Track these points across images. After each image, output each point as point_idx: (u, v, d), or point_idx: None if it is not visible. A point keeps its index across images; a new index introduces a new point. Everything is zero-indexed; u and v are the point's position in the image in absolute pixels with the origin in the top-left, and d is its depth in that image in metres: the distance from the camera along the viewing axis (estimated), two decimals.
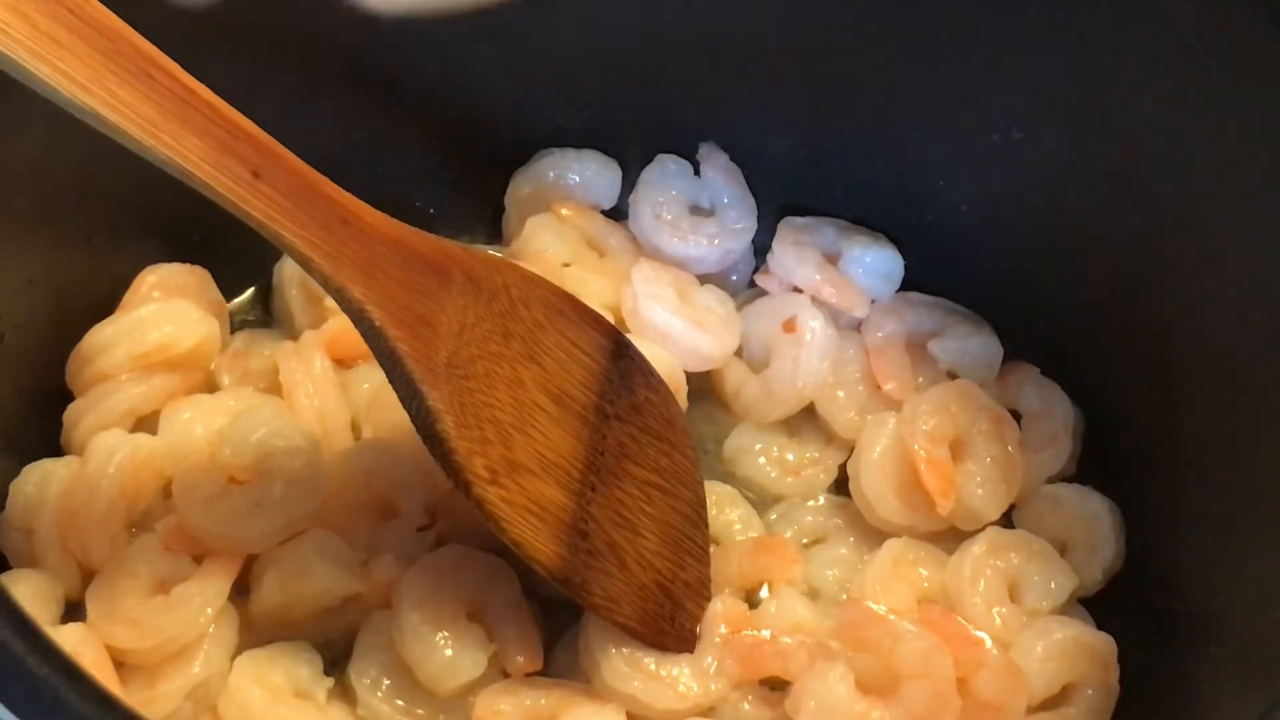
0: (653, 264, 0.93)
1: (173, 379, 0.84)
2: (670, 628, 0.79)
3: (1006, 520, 0.87)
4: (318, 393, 0.86)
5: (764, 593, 0.84)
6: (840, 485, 0.90)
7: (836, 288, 0.93)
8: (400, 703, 0.78)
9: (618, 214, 0.98)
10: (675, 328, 0.90)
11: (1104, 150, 0.85)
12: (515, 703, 0.76)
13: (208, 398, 0.85)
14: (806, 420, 0.92)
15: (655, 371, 0.83)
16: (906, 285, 0.96)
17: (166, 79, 0.56)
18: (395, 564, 0.80)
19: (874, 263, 0.95)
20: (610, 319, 0.82)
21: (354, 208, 0.66)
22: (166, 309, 0.85)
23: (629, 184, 0.97)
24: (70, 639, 0.74)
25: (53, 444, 0.83)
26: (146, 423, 0.83)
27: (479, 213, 0.98)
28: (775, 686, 0.79)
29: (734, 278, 0.97)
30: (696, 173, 0.97)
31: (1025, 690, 0.78)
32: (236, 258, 0.89)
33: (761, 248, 0.97)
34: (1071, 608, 0.84)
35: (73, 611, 0.78)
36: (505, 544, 0.73)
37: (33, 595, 0.76)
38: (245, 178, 0.60)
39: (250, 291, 0.94)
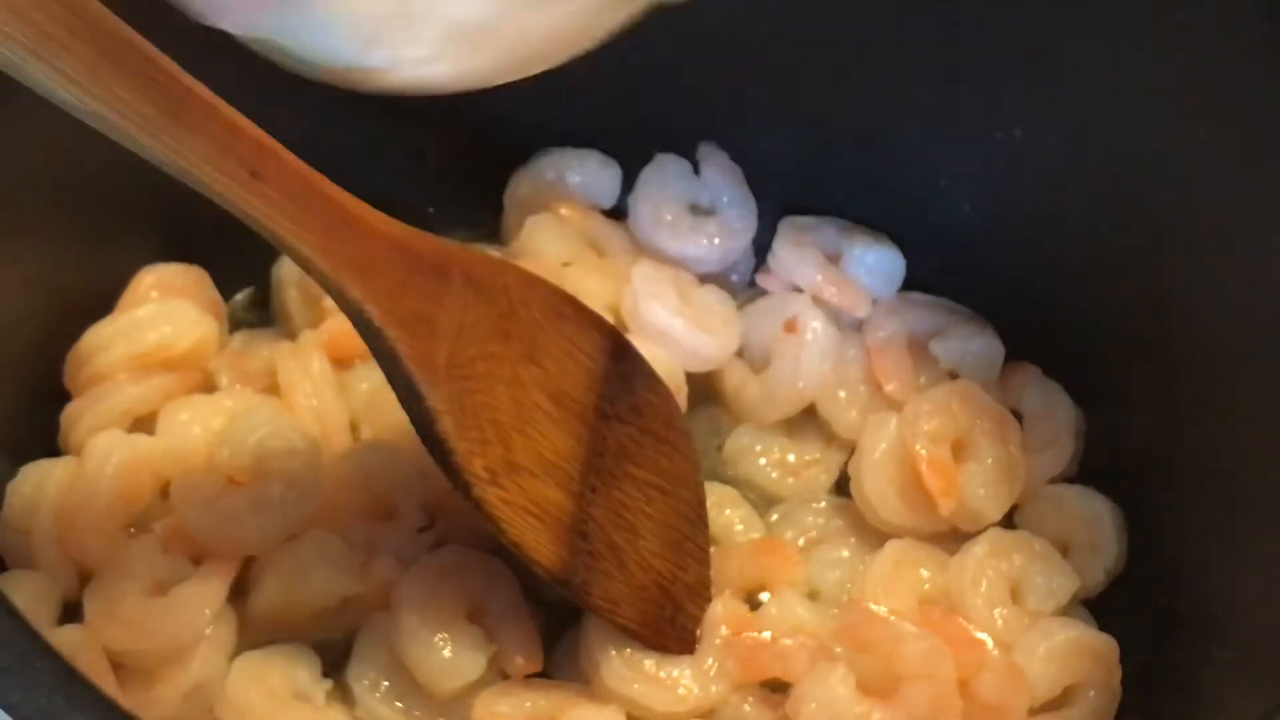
0: (653, 264, 0.93)
1: (170, 379, 0.84)
2: (670, 629, 0.79)
3: (1008, 521, 0.87)
4: (316, 393, 0.85)
5: (765, 594, 0.84)
6: (841, 486, 0.89)
7: (838, 287, 0.93)
8: (399, 704, 0.77)
9: (618, 214, 0.97)
10: (675, 328, 0.90)
11: (1105, 150, 0.85)
12: (514, 704, 0.76)
13: (206, 398, 0.85)
14: (807, 421, 0.91)
15: (655, 372, 0.82)
16: (908, 285, 0.95)
17: (166, 79, 0.56)
18: (394, 565, 0.79)
19: (875, 262, 0.95)
20: (610, 319, 0.82)
21: (353, 207, 0.66)
22: (164, 309, 0.85)
23: (629, 184, 0.97)
24: (68, 640, 0.74)
25: (50, 444, 0.83)
26: (144, 423, 0.83)
27: (478, 212, 0.98)
28: (776, 688, 0.79)
29: (734, 277, 0.97)
30: (696, 172, 0.97)
31: (1027, 692, 0.78)
32: (234, 258, 0.88)
33: (762, 247, 0.96)
34: (1073, 609, 0.84)
35: (70, 613, 0.77)
36: (505, 545, 0.73)
37: (30, 596, 0.75)
38: (244, 178, 0.59)
39: (248, 291, 0.94)
